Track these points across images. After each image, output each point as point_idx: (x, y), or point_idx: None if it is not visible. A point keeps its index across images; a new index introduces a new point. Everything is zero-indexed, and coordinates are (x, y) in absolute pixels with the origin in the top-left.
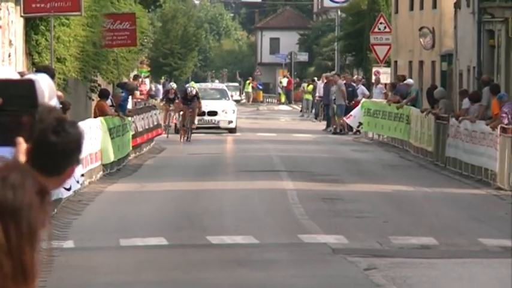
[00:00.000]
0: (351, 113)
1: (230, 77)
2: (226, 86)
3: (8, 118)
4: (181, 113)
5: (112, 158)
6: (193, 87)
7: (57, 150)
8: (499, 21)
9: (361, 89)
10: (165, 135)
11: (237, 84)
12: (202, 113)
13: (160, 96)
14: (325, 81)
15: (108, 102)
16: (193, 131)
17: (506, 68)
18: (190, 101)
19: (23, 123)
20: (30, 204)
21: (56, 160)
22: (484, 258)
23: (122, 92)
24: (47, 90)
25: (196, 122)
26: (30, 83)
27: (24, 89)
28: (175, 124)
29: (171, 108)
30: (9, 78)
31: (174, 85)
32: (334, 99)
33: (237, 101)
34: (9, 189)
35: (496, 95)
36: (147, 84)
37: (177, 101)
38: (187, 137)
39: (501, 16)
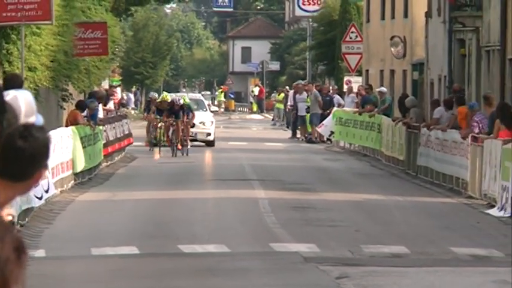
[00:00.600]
0: (323, 122)
1: (205, 85)
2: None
3: None
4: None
5: (83, 167)
6: (182, 98)
7: (24, 155)
8: (469, 31)
9: (337, 98)
10: (153, 154)
11: (209, 93)
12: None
13: (132, 105)
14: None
15: (84, 113)
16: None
17: (477, 76)
18: (176, 112)
19: None
20: (7, 258)
21: (24, 165)
22: (455, 267)
23: (96, 103)
24: (24, 106)
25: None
26: None
27: None
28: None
29: (159, 121)
30: None
31: (156, 94)
32: (307, 108)
33: (215, 112)
34: None
35: (461, 105)
36: (118, 93)
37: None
38: (185, 152)
39: (472, 25)
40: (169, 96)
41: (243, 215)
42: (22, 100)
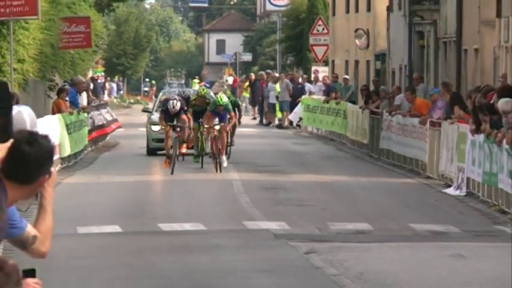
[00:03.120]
0: (294, 110)
1: (186, 75)
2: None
3: None
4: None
5: (69, 152)
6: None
7: (30, 160)
8: (428, 23)
9: (308, 86)
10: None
11: (183, 81)
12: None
13: (114, 94)
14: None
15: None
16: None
17: (435, 66)
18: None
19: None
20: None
21: (29, 169)
22: (415, 242)
23: (68, 86)
24: (28, 120)
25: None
26: (4, 87)
27: None
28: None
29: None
30: None
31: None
32: (277, 96)
33: None
34: None
35: (414, 93)
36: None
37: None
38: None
39: (430, 18)
40: (206, 90)
41: (219, 195)
42: (26, 115)
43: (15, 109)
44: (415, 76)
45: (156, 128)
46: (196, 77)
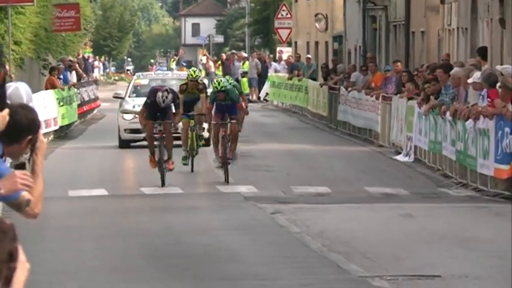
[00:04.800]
0: (264, 87)
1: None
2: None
3: None
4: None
5: (60, 124)
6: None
7: (20, 125)
8: (380, 8)
9: (274, 65)
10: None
11: (165, 61)
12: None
13: (101, 72)
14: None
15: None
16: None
17: (386, 46)
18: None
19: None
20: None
21: (18, 132)
22: (369, 203)
23: (61, 65)
24: (25, 95)
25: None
26: None
27: None
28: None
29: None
30: None
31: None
32: (246, 72)
33: None
34: None
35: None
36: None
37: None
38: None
39: (381, 4)
40: (198, 72)
41: (196, 165)
42: (23, 91)
43: (13, 85)
44: (368, 56)
45: (128, 116)
46: (175, 57)
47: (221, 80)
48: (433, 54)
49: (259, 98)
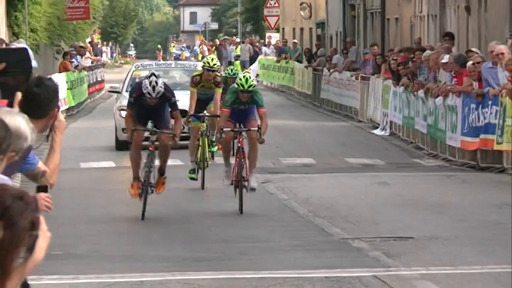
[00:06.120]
0: (251, 67)
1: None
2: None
3: (9, 78)
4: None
5: (73, 103)
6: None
7: (40, 99)
8: None
9: (264, 49)
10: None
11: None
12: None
13: (108, 56)
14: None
15: (74, 62)
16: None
17: (364, 32)
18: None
19: (21, 82)
20: (23, 228)
21: (40, 106)
22: (350, 173)
23: (73, 51)
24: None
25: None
26: (25, 51)
27: (20, 55)
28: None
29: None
30: (7, 47)
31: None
32: (238, 55)
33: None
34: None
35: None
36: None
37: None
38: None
39: None
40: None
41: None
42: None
43: (25, 46)
44: (348, 40)
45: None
46: (174, 41)
47: (249, 77)
48: (406, 39)
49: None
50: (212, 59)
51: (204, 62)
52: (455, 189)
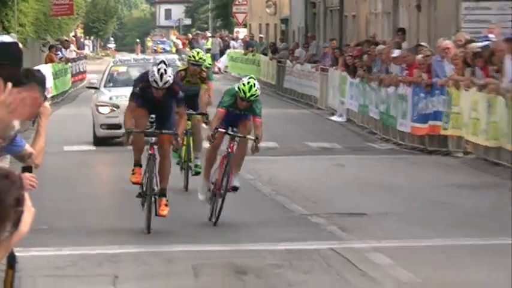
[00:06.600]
0: (220, 59)
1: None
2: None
3: (2, 70)
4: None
5: (56, 92)
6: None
7: (37, 80)
8: None
9: (233, 43)
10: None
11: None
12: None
13: (90, 49)
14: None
15: (59, 54)
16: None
17: (324, 28)
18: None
19: (12, 73)
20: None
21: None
22: (310, 156)
23: (58, 45)
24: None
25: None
26: (16, 45)
27: (12, 49)
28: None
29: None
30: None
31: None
32: (209, 49)
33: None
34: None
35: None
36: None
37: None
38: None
39: None
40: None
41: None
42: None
43: (16, 41)
44: (309, 35)
45: (104, 110)
46: (151, 35)
47: (254, 84)
48: (362, 34)
49: (219, 69)
50: (198, 53)
51: (189, 56)
52: (405, 171)
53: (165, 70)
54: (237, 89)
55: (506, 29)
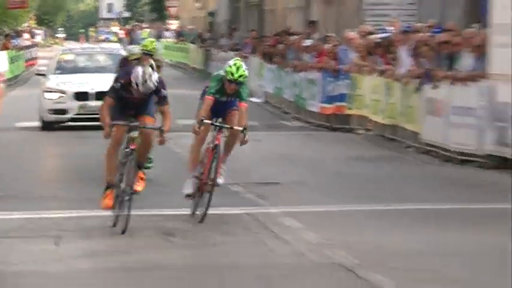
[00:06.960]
0: None
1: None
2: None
3: None
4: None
5: (11, 75)
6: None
7: None
8: None
9: (166, 33)
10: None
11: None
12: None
13: (42, 38)
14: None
15: (16, 43)
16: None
17: (246, 21)
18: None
19: None
20: None
21: None
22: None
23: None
24: None
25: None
26: None
27: None
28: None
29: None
30: None
31: None
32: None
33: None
34: None
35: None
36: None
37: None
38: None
39: None
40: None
41: None
42: None
43: None
44: (233, 27)
45: (51, 95)
46: (95, 27)
47: (241, 65)
48: (280, 27)
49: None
50: (152, 42)
51: (142, 45)
52: (314, 145)
53: (150, 76)
54: (223, 72)
55: (404, 23)
